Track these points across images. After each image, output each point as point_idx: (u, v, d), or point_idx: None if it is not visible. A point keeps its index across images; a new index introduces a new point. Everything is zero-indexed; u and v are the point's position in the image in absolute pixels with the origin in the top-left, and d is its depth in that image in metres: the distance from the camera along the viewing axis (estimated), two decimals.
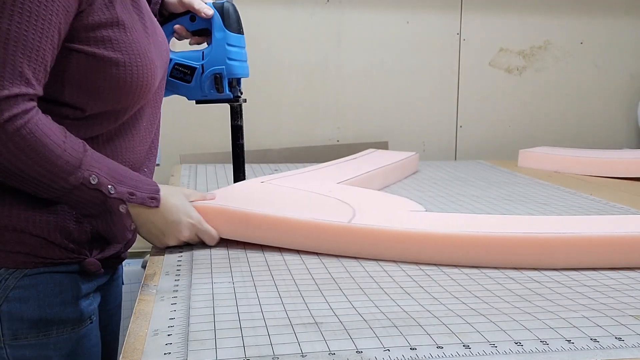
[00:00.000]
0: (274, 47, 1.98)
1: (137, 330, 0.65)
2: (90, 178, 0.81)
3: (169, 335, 0.63)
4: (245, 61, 1.12)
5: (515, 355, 0.59)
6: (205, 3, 1.10)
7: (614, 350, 0.60)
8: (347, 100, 2.06)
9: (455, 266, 0.87)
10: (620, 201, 1.31)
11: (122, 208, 0.85)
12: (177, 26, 1.13)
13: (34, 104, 0.79)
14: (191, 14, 1.10)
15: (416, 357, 0.58)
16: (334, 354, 0.59)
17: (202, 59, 1.11)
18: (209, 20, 1.09)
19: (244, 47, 1.12)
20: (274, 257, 0.91)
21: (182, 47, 1.20)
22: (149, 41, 0.90)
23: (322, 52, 2.02)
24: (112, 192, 0.83)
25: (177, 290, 0.77)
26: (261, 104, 2.00)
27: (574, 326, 0.66)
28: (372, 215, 0.98)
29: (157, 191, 0.89)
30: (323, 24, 2.00)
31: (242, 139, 1.17)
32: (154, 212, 0.89)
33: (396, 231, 0.90)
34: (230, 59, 1.09)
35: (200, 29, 1.11)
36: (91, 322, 0.92)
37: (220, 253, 0.93)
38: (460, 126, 2.13)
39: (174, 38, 1.16)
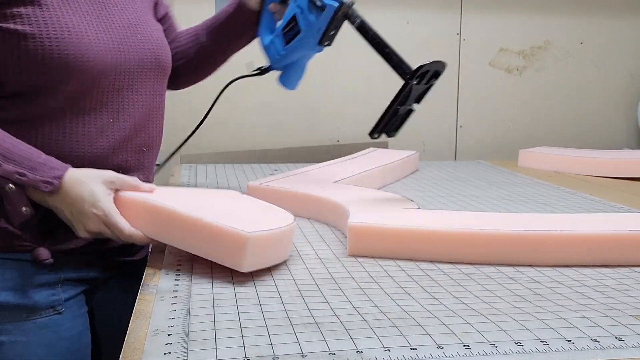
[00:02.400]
0: None
1: (137, 330, 0.65)
2: None
3: (169, 335, 0.63)
4: None
5: (516, 355, 0.59)
6: None
7: (614, 351, 0.60)
8: (347, 100, 2.06)
9: (454, 264, 0.87)
10: (620, 201, 1.31)
11: (8, 188, 0.82)
12: (271, 5, 1.12)
13: None
14: None
15: (416, 357, 0.58)
16: (334, 354, 0.59)
17: (295, 4, 1.08)
18: None
19: None
20: None
21: None
22: (87, 21, 0.88)
23: (322, 52, 2.01)
24: None
25: (177, 290, 0.77)
26: (261, 104, 2.00)
27: (574, 326, 0.66)
28: (367, 213, 0.98)
29: (58, 177, 0.83)
30: None
31: (372, 31, 1.11)
32: (56, 199, 0.84)
33: (392, 228, 0.91)
34: None
35: None
36: (58, 313, 0.91)
37: None
38: (460, 126, 2.13)
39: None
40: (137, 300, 0.74)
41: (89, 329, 0.98)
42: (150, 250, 0.96)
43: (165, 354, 0.59)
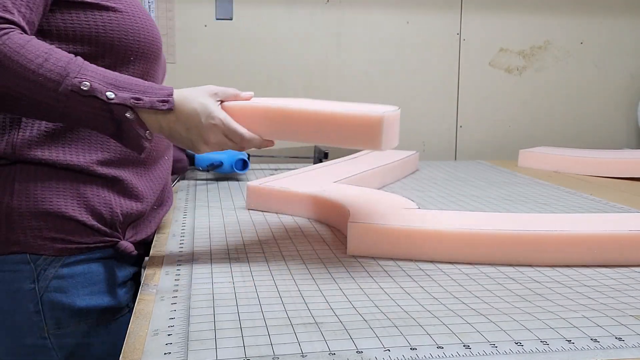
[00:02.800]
0: (274, 47, 1.98)
1: (137, 330, 0.65)
2: (82, 85, 0.77)
3: (169, 335, 0.63)
4: None
5: (516, 355, 0.59)
6: None
7: (614, 351, 0.60)
8: (347, 100, 2.05)
9: (454, 264, 0.87)
10: (620, 201, 1.31)
11: (129, 115, 0.80)
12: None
13: (10, 26, 0.78)
14: None
15: (416, 357, 0.58)
16: (334, 354, 0.59)
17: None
18: None
19: None
20: (274, 257, 0.91)
21: None
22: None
23: (322, 52, 2.02)
24: (111, 97, 0.78)
25: (177, 290, 0.77)
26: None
27: (574, 326, 0.66)
28: (367, 213, 0.98)
29: (170, 94, 0.83)
30: (323, 24, 2.00)
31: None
32: (171, 119, 0.83)
33: (392, 228, 0.91)
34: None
35: None
36: (129, 311, 0.93)
37: (220, 253, 0.93)
38: (460, 126, 2.13)
39: None
40: (137, 300, 0.74)
41: None
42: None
43: (165, 354, 0.59)
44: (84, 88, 0.77)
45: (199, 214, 1.18)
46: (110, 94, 0.78)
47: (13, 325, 0.87)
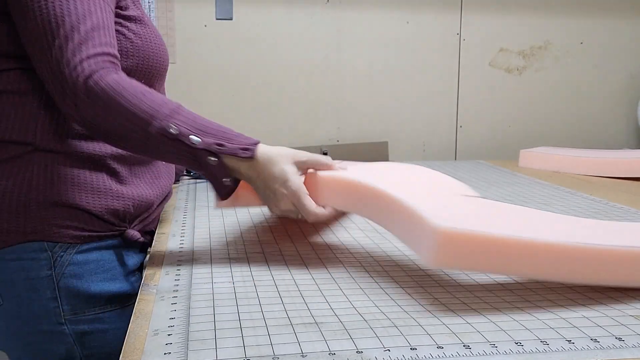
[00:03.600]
0: (274, 47, 1.98)
1: (137, 330, 0.65)
2: (170, 129, 0.81)
3: (169, 335, 0.63)
4: None
5: (516, 355, 0.59)
6: None
7: (615, 350, 0.60)
8: (347, 100, 2.06)
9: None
10: (621, 201, 1.31)
11: (211, 160, 0.83)
12: None
13: (116, 62, 0.85)
14: None
15: (416, 357, 0.58)
16: (334, 354, 0.59)
17: None
18: None
19: None
20: (274, 257, 0.91)
21: None
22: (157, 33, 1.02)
23: (322, 52, 2.02)
24: (195, 142, 0.82)
25: (177, 290, 0.77)
26: (261, 104, 2.00)
27: (574, 326, 0.66)
28: (438, 209, 0.79)
29: (254, 144, 0.86)
30: (323, 24, 2.00)
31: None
32: (251, 169, 0.86)
33: (499, 238, 0.71)
34: None
35: None
36: None
37: (220, 253, 0.93)
38: (460, 126, 2.13)
39: None
40: (137, 300, 0.74)
41: None
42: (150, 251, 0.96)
43: (165, 354, 0.59)
44: (173, 132, 0.81)
45: (199, 214, 1.18)
46: (195, 139, 0.82)
47: (30, 312, 0.90)
